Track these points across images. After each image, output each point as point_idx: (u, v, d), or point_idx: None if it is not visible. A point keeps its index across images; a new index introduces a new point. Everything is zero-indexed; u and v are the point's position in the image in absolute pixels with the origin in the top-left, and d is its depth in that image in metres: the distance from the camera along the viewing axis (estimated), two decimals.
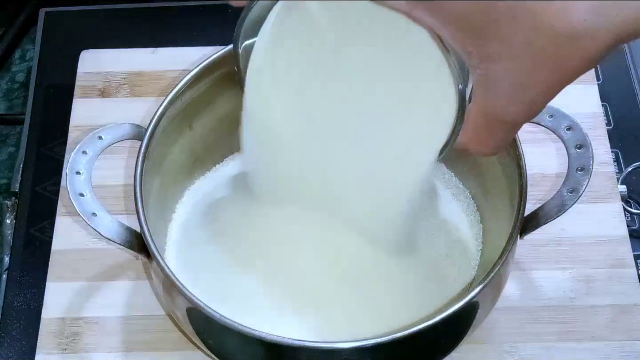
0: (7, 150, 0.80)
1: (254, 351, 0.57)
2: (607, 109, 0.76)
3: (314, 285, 0.61)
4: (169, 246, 0.65)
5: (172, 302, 0.59)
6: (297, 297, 0.60)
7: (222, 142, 0.69)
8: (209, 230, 0.64)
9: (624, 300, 0.66)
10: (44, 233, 0.70)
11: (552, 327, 0.65)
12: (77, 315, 0.66)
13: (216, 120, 0.70)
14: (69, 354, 0.64)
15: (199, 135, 0.68)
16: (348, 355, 0.54)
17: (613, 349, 0.64)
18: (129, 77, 0.77)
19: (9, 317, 0.67)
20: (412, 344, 0.56)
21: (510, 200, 0.60)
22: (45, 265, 0.68)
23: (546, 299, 0.66)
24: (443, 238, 0.65)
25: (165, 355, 0.64)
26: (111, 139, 0.61)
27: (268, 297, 0.61)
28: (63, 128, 0.74)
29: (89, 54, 0.79)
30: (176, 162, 0.66)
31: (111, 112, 0.75)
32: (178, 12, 0.84)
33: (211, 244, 0.63)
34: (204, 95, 0.66)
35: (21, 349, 0.66)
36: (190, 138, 0.67)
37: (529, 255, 0.67)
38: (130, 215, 0.65)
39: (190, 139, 0.67)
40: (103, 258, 0.68)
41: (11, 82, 0.84)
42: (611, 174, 0.71)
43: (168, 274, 0.56)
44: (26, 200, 0.73)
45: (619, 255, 0.68)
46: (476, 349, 0.64)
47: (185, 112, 0.66)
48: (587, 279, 0.67)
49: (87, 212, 0.58)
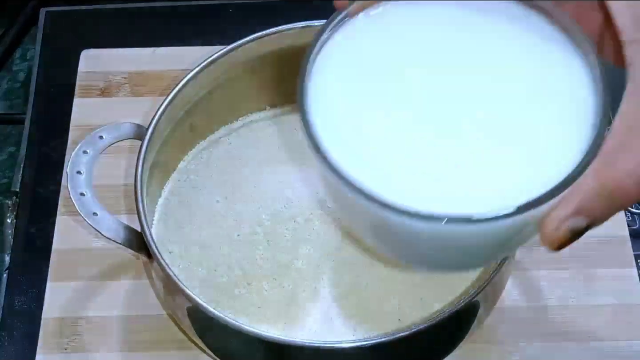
0: (7, 149, 0.80)
1: (254, 351, 0.57)
2: None
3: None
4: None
5: (172, 301, 0.59)
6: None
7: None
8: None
9: (624, 300, 0.66)
10: (45, 233, 0.70)
11: (552, 327, 0.65)
12: (77, 315, 0.66)
13: (216, 119, 0.70)
14: (69, 353, 0.64)
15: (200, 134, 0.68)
16: (348, 355, 0.54)
17: (613, 349, 0.64)
18: (129, 76, 0.77)
19: (9, 317, 0.67)
20: (413, 343, 0.56)
21: None
22: (45, 265, 0.68)
23: (546, 299, 0.66)
24: None
25: (165, 355, 0.64)
26: (112, 139, 0.61)
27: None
28: (63, 127, 0.74)
29: (89, 54, 0.79)
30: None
31: (112, 111, 0.75)
32: (178, 12, 0.84)
33: None
34: (204, 94, 0.66)
35: (21, 349, 0.66)
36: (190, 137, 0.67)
37: (529, 255, 0.67)
38: (131, 215, 0.65)
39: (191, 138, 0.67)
40: (103, 258, 0.68)
41: (12, 81, 0.84)
42: None
43: (169, 273, 0.56)
44: (27, 200, 0.73)
45: (619, 255, 0.68)
46: (476, 349, 0.64)
47: (186, 111, 0.66)
48: (587, 279, 0.67)
49: (88, 211, 0.58)
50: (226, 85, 0.67)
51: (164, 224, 0.65)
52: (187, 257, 0.63)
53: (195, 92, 0.65)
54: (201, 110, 0.67)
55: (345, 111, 0.39)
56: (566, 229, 0.36)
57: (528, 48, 0.41)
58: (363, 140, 0.39)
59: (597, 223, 0.36)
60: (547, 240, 0.36)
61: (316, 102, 0.39)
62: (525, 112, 0.39)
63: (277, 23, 0.65)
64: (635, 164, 0.35)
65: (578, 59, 0.40)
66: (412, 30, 0.42)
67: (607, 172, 0.35)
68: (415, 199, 0.37)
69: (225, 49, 0.65)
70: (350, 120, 0.39)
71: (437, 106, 0.40)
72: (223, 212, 0.65)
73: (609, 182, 0.35)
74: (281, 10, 0.81)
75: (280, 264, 0.63)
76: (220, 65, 0.65)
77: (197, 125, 0.68)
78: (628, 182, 0.35)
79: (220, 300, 0.61)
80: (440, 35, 0.42)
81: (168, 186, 0.68)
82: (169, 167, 0.68)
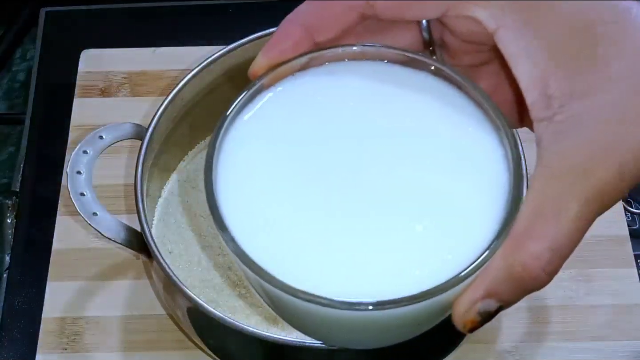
0: (7, 150, 0.80)
1: (254, 351, 0.57)
2: None
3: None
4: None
5: (172, 301, 0.59)
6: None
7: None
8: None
9: (624, 300, 0.66)
10: (45, 233, 0.70)
11: (552, 327, 0.65)
12: (77, 315, 0.66)
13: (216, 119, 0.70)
14: (69, 353, 0.64)
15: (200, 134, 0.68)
16: (348, 355, 0.54)
17: (613, 349, 0.64)
18: (129, 76, 0.77)
19: (9, 317, 0.67)
20: (412, 344, 0.56)
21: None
22: (45, 265, 0.68)
23: (546, 299, 0.66)
24: None
25: (165, 355, 0.64)
26: (112, 139, 0.61)
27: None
28: (63, 127, 0.74)
29: (89, 54, 0.79)
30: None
31: (112, 111, 0.75)
32: (178, 12, 0.84)
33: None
34: (204, 94, 0.66)
35: (21, 348, 0.66)
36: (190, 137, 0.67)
37: None
38: (131, 215, 0.65)
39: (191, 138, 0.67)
40: (103, 258, 0.68)
41: (12, 81, 0.84)
42: None
43: (169, 273, 0.56)
44: (27, 200, 0.73)
45: (619, 255, 0.68)
46: (476, 349, 0.64)
47: (186, 111, 0.66)
48: (587, 279, 0.67)
49: (88, 211, 0.58)
50: (226, 85, 0.67)
51: (164, 224, 0.65)
52: (187, 257, 0.63)
53: (195, 92, 0.65)
54: (201, 110, 0.67)
55: (252, 191, 0.38)
56: (476, 311, 0.35)
57: (444, 119, 0.40)
58: (269, 223, 0.38)
59: (507, 305, 0.35)
60: (458, 322, 0.36)
61: (224, 180, 0.38)
62: (439, 185, 0.38)
63: (277, 23, 0.64)
64: (541, 249, 0.34)
65: (493, 134, 0.38)
66: (326, 102, 0.41)
67: (515, 256, 0.34)
68: (321, 282, 0.36)
69: (225, 49, 0.65)
70: (257, 201, 0.38)
71: (346, 180, 0.38)
72: None
73: (517, 265, 0.34)
74: (281, 10, 0.81)
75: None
76: (220, 65, 0.65)
77: (197, 125, 0.68)
78: (535, 266, 0.34)
79: (220, 300, 0.61)
80: (353, 105, 0.41)
81: (168, 186, 0.68)
82: (169, 167, 0.68)
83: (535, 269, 0.34)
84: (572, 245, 0.34)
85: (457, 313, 0.35)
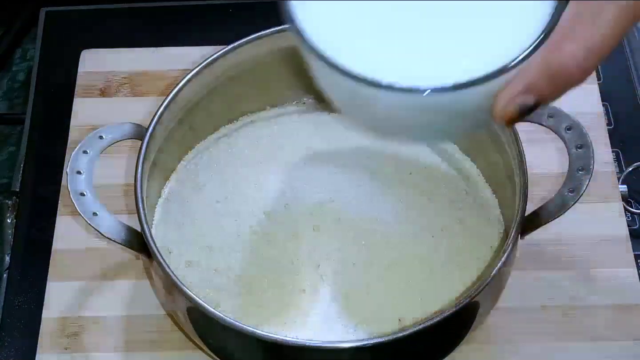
0: (7, 150, 0.80)
1: (254, 351, 0.57)
2: (607, 109, 0.76)
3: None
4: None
5: (172, 301, 0.59)
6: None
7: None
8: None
9: (624, 300, 0.66)
10: (45, 233, 0.70)
11: (552, 327, 0.65)
12: (77, 315, 0.66)
13: (216, 119, 0.70)
14: (70, 353, 0.64)
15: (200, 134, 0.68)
16: (348, 355, 0.54)
17: (613, 349, 0.64)
18: (129, 76, 0.77)
19: (9, 317, 0.67)
20: (413, 344, 0.56)
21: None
22: (45, 265, 0.68)
23: (546, 299, 0.66)
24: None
25: (165, 355, 0.64)
26: (112, 139, 0.61)
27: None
28: (63, 127, 0.74)
29: (89, 54, 0.79)
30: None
31: (112, 111, 0.75)
32: (178, 12, 0.84)
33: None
34: (204, 94, 0.66)
35: (21, 348, 0.66)
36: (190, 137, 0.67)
37: (529, 255, 0.67)
38: (131, 215, 0.65)
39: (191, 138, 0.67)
40: (103, 258, 0.68)
41: (12, 81, 0.84)
42: (612, 174, 0.71)
43: (169, 273, 0.56)
44: (27, 200, 0.73)
45: (619, 255, 0.68)
46: (476, 349, 0.64)
47: (186, 111, 0.66)
48: (587, 279, 0.67)
49: (88, 211, 0.58)
50: (226, 85, 0.67)
51: (164, 224, 0.65)
52: (187, 257, 0.63)
53: (195, 92, 0.65)
54: (201, 110, 0.67)
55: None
56: (516, 105, 0.40)
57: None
58: (337, 16, 0.42)
59: (544, 101, 0.40)
60: (499, 113, 0.40)
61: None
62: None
63: (277, 23, 0.65)
64: (577, 48, 0.38)
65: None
66: None
67: (553, 54, 0.39)
68: (388, 71, 0.40)
69: (225, 49, 0.65)
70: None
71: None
72: (223, 212, 0.65)
73: (554, 63, 0.39)
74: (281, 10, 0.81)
75: (280, 264, 0.63)
76: (220, 65, 0.65)
77: (197, 125, 0.68)
78: (571, 64, 0.38)
79: (220, 300, 0.61)
80: None
81: (168, 186, 0.68)
82: (169, 167, 0.68)
83: (571, 66, 0.38)
84: (605, 48, 0.39)
85: (499, 106, 0.40)
